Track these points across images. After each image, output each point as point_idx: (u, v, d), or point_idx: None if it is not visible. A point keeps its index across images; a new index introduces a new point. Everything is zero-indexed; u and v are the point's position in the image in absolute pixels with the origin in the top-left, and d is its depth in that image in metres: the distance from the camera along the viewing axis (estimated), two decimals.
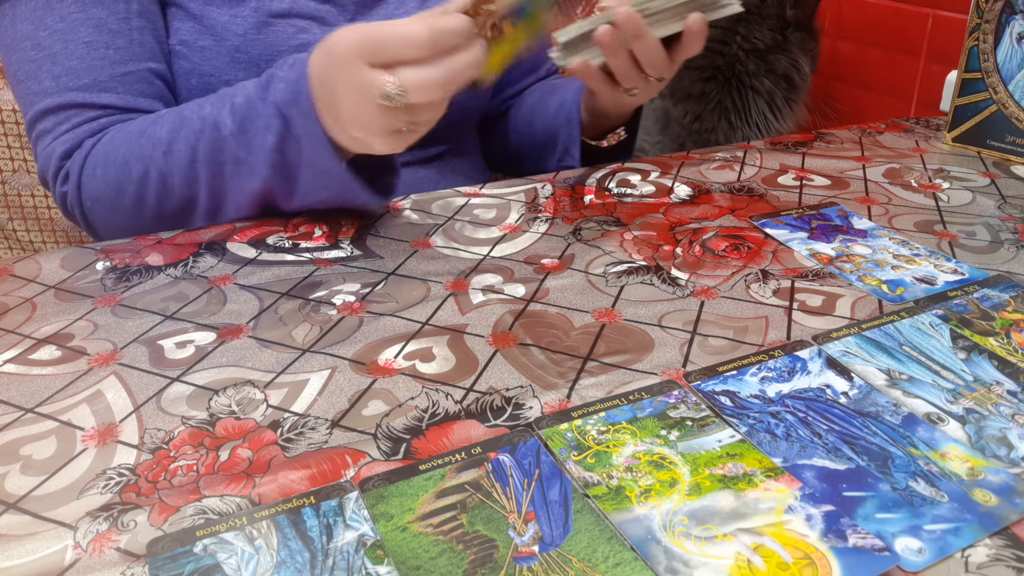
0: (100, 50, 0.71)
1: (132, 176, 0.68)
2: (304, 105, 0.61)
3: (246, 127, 0.64)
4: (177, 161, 0.66)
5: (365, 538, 0.37)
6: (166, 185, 0.67)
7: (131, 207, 0.69)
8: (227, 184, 0.66)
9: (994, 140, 0.86)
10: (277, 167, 0.64)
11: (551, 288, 0.59)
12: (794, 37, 1.34)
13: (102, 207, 0.71)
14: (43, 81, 0.71)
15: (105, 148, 0.69)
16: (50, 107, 0.71)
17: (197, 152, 0.65)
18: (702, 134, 1.37)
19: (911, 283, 0.59)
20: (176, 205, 0.69)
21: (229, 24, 0.74)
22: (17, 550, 0.37)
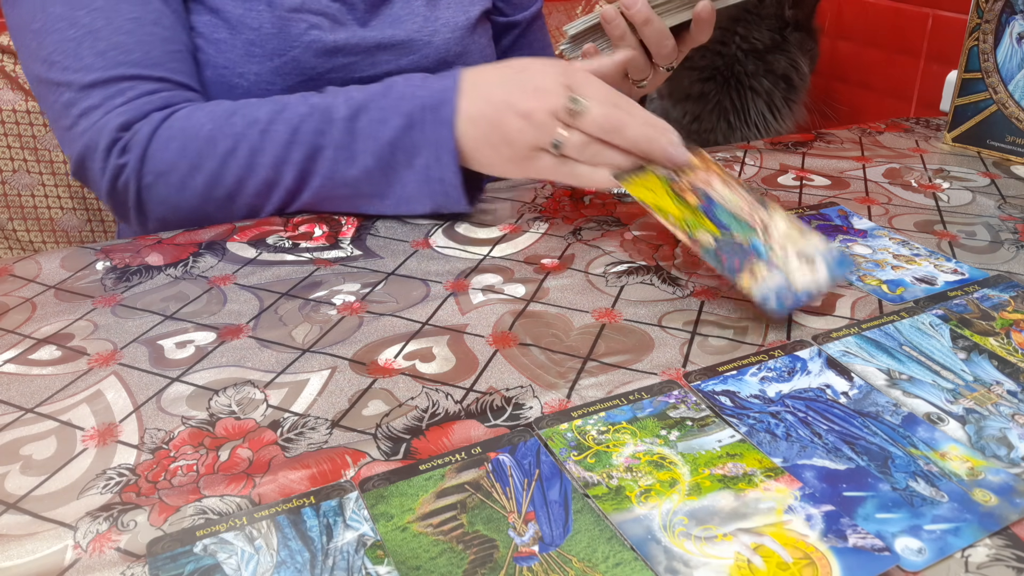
0: (148, 26, 0.71)
1: (217, 151, 0.67)
2: (445, 115, 0.64)
3: (359, 116, 0.65)
4: (273, 140, 0.66)
5: (365, 538, 0.37)
6: (253, 163, 0.67)
7: (203, 184, 0.68)
8: (318, 167, 0.67)
9: (994, 140, 0.86)
10: (384, 162, 0.66)
11: (551, 288, 0.59)
12: (793, 37, 1.34)
13: (167, 182, 0.68)
14: (84, 58, 0.69)
15: (183, 123, 0.68)
16: (97, 80, 0.69)
17: (298, 133, 0.66)
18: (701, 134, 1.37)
19: (911, 283, 0.59)
20: (254, 187, 0.68)
21: (244, 17, 0.75)
22: (17, 550, 0.37)
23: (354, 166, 0.66)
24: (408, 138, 0.65)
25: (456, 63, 0.85)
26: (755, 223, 0.57)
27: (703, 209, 0.59)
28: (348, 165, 0.66)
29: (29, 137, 1.02)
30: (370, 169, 0.66)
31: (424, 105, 0.64)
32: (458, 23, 0.85)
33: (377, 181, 0.67)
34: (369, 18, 0.82)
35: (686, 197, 0.60)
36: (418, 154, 0.65)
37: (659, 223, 0.61)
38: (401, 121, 0.65)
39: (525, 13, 0.98)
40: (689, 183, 0.62)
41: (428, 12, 0.84)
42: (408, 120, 0.65)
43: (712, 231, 0.57)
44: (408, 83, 0.66)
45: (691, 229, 0.58)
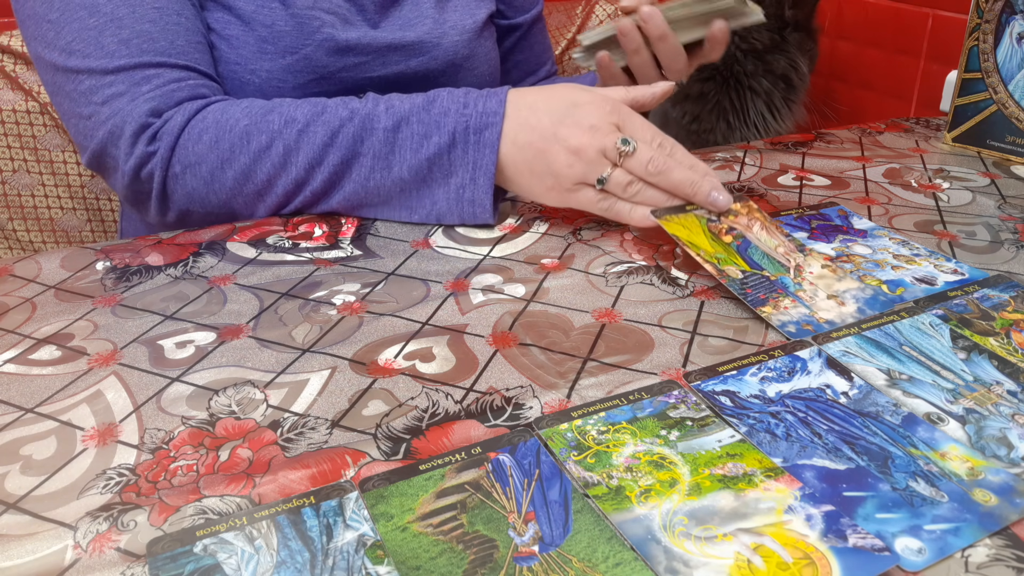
0: (172, 16, 0.71)
1: (251, 147, 0.67)
2: (490, 139, 0.64)
3: (400, 127, 0.66)
4: (310, 141, 0.66)
5: (365, 538, 0.37)
6: (287, 161, 0.67)
7: (233, 179, 0.68)
8: (352, 174, 0.67)
9: (994, 140, 0.86)
10: (419, 176, 0.66)
11: (551, 288, 0.59)
12: (792, 37, 1.34)
13: (196, 174, 0.68)
14: (107, 45, 0.68)
15: (218, 116, 0.68)
16: (123, 67, 0.68)
17: (337, 137, 0.66)
18: (700, 135, 1.37)
19: (911, 283, 0.59)
20: (284, 186, 0.68)
21: (256, 14, 0.75)
22: (17, 550, 0.37)
23: (389, 177, 0.67)
24: (448, 156, 0.65)
25: (463, 65, 0.86)
26: (789, 265, 0.58)
27: (737, 248, 0.60)
28: (383, 175, 0.67)
29: (29, 137, 1.02)
30: (405, 181, 0.67)
31: (468, 126, 0.65)
32: (465, 26, 0.86)
33: (409, 193, 0.68)
34: (379, 19, 0.82)
35: (722, 237, 0.62)
36: (455, 173, 0.66)
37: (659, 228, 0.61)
38: (444, 139, 0.65)
39: (526, 15, 0.98)
40: (728, 225, 0.63)
41: (437, 14, 0.84)
42: (451, 138, 0.65)
43: (743, 267, 0.58)
44: (452, 99, 0.66)
45: (720, 263, 0.58)
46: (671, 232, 0.62)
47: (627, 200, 0.63)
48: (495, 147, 0.64)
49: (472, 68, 0.87)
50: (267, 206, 0.69)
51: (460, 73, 0.86)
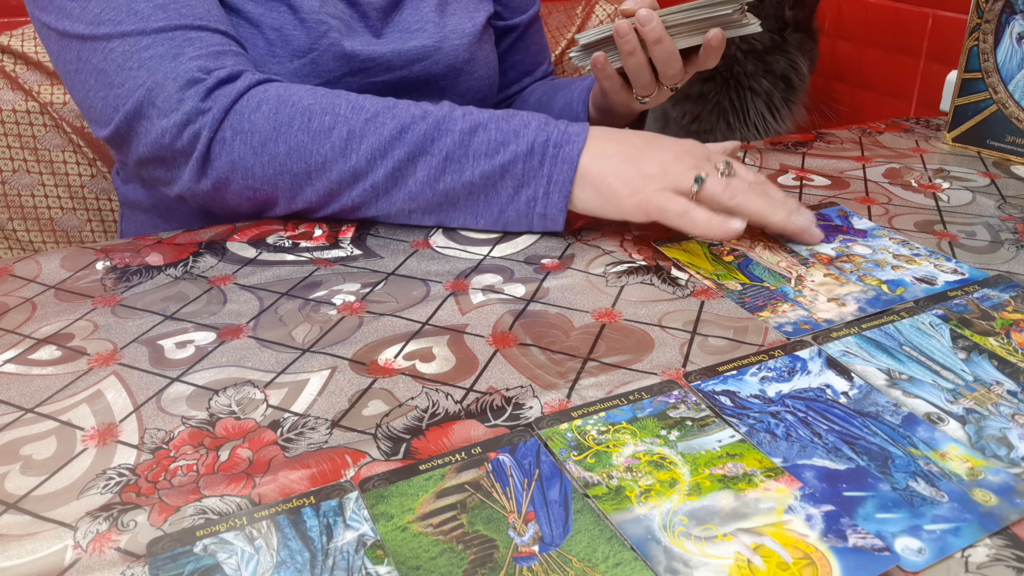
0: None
1: (312, 125, 0.64)
2: (568, 150, 0.63)
3: (477, 131, 0.64)
4: (378, 130, 0.64)
5: (365, 538, 0.37)
6: (348, 147, 0.64)
7: (285, 154, 0.65)
8: (415, 173, 0.65)
9: (994, 140, 0.86)
10: (489, 182, 0.65)
11: (551, 288, 0.59)
12: (792, 38, 1.34)
13: (247, 142, 0.65)
14: (141, 11, 0.66)
15: (280, 91, 0.66)
16: (162, 27, 0.66)
17: (406, 133, 0.64)
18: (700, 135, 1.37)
19: (911, 283, 0.59)
20: (339, 173, 0.65)
21: (264, 17, 0.75)
22: (17, 550, 0.37)
23: (459, 179, 0.64)
24: (523, 166, 0.64)
25: (464, 68, 0.86)
26: (790, 276, 0.58)
27: (738, 266, 0.61)
28: (453, 176, 0.64)
29: (29, 137, 1.02)
30: (473, 185, 0.65)
31: (549, 139, 0.63)
32: (465, 30, 0.86)
33: (476, 199, 0.66)
34: (382, 27, 0.82)
35: (723, 258, 0.62)
36: (528, 185, 0.64)
37: (661, 225, 0.61)
38: (522, 147, 0.63)
39: (523, 16, 0.98)
40: (730, 247, 0.63)
41: (437, 19, 0.84)
42: (529, 148, 0.63)
43: (743, 281, 0.59)
44: (534, 116, 0.65)
45: (720, 279, 0.59)
46: (671, 256, 0.62)
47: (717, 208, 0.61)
48: (574, 164, 0.63)
49: (472, 72, 0.87)
50: (316, 192, 0.66)
51: (460, 77, 0.86)
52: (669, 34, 0.72)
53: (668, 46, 0.72)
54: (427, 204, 0.66)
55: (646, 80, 0.75)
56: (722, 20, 0.71)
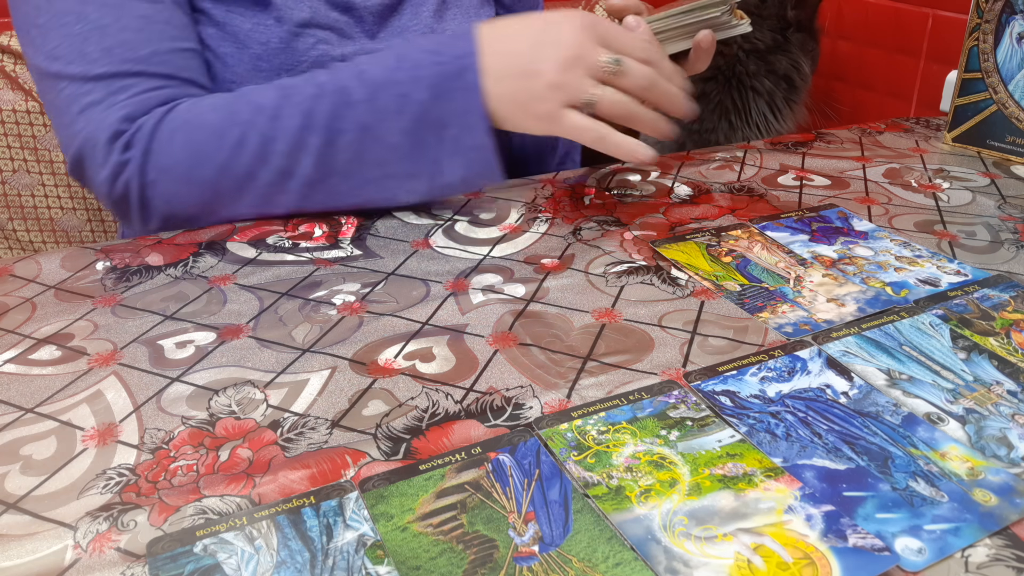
0: (158, 25, 0.70)
1: (224, 143, 0.65)
2: (469, 81, 0.62)
3: (378, 95, 0.63)
4: (285, 126, 0.64)
5: (365, 538, 0.37)
6: (266, 152, 0.64)
7: (211, 177, 0.66)
8: (340, 155, 0.65)
9: (994, 140, 0.86)
10: (415, 138, 0.63)
11: (551, 288, 0.59)
12: (794, 38, 1.34)
13: (172, 177, 0.66)
14: (90, 53, 0.67)
15: (186, 115, 0.66)
16: (100, 75, 0.67)
17: (312, 118, 0.63)
18: (702, 134, 1.37)
19: (915, 285, 0.59)
20: (269, 177, 0.66)
21: (252, 32, 0.74)
22: (17, 550, 0.37)
23: (382, 146, 0.64)
24: (435, 111, 0.63)
25: None
26: (789, 276, 0.58)
27: (736, 267, 0.61)
28: (375, 147, 0.64)
29: (29, 137, 1.02)
30: (400, 147, 0.64)
31: (445, 73, 0.62)
32: None
33: (410, 159, 0.65)
34: (378, 30, 0.81)
35: (721, 259, 0.62)
36: (447, 126, 0.63)
37: (659, 223, 0.61)
38: (425, 95, 0.62)
39: None
40: (728, 248, 0.63)
41: (435, 23, 0.84)
42: (432, 92, 0.62)
43: (742, 282, 0.59)
44: (419, 49, 0.64)
45: (718, 280, 0.59)
46: (669, 257, 0.62)
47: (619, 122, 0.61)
48: (478, 89, 0.62)
49: None
50: (255, 200, 0.67)
51: None
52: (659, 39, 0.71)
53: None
54: (369, 179, 0.66)
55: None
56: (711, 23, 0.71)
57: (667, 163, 0.83)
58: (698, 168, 0.82)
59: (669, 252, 0.63)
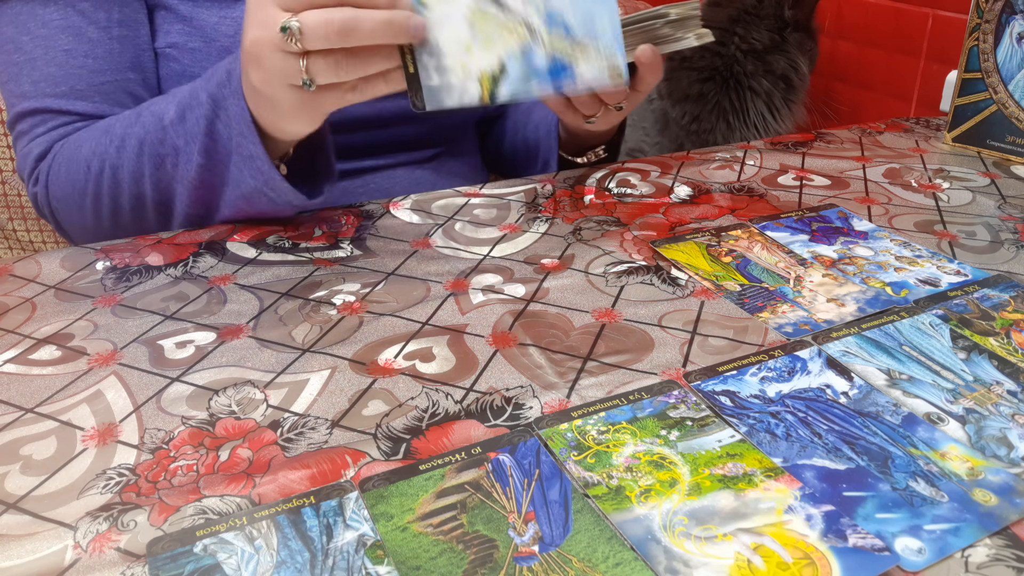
0: (79, 59, 0.72)
1: (91, 173, 0.68)
2: (235, 84, 0.60)
3: (185, 116, 0.63)
4: (127, 155, 0.66)
5: (365, 538, 0.37)
6: (116, 180, 0.68)
7: (91, 206, 0.70)
8: (169, 176, 0.66)
9: (994, 140, 0.86)
10: (209, 153, 0.63)
11: (551, 288, 0.59)
12: (792, 38, 1.34)
13: (66, 207, 0.72)
14: (23, 85, 0.72)
15: (69, 149, 0.70)
16: (27, 110, 0.72)
17: (144, 145, 0.66)
18: (700, 135, 1.37)
19: (915, 285, 0.59)
20: (128, 202, 0.69)
21: (219, 25, 0.74)
22: (17, 550, 0.37)
23: (191, 165, 0.64)
24: (219, 119, 0.61)
25: None
26: (789, 276, 0.58)
27: (736, 267, 0.61)
28: (187, 167, 0.64)
29: None
30: (204, 165, 0.63)
31: (219, 80, 0.61)
32: None
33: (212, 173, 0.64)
34: None
35: (721, 259, 0.62)
36: (231, 133, 0.61)
37: (659, 223, 0.61)
38: (209, 106, 0.61)
39: None
40: (728, 248, 0.63)
41: None
42: (213, 103, 0.61)
43: (742, 281, 0.59)
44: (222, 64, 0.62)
45: (719, 280, 0.59)
46: (669, 257, 0.62)
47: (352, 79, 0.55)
48: (240, 94, 0.60)
49: None
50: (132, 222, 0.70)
51: None
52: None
53: None
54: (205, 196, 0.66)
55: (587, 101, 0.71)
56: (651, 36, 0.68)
57: (667, 163, 0.83)
58: (698, 168, 0.82)
59: (669, 252, 0.63)
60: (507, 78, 0.55)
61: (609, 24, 0.57)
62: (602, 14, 0.57)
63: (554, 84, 0.55)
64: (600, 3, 0.56)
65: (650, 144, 1.41)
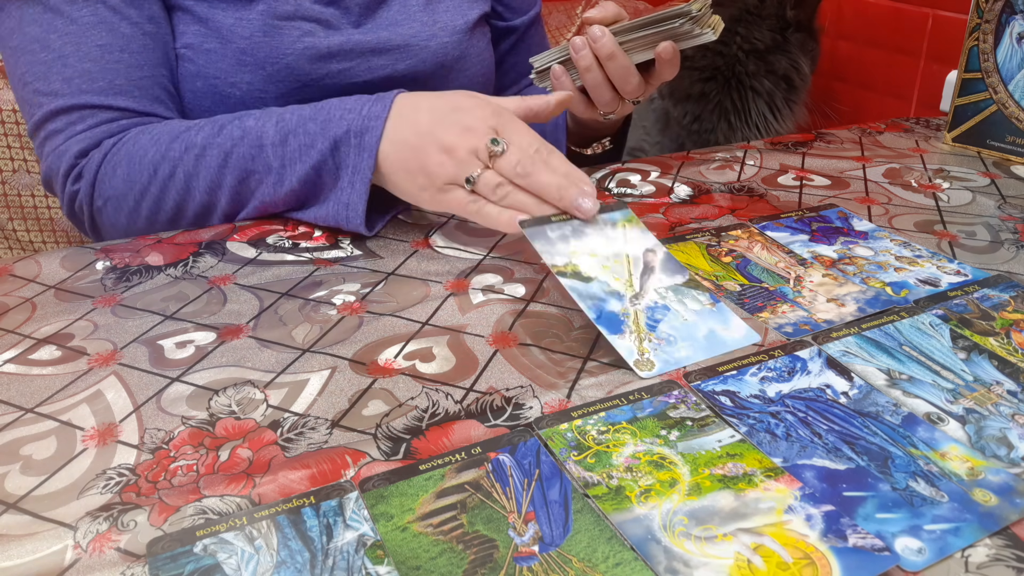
0: (115, 54, 0.72)
1: (158, 177, 0.68)
2: (368, 138, 0.64)
3: (288, 140, 0.66)
4: (207, 164, 0.67)
5: (365, 538, 0.37)
6: (190, 188, 0.68)
7: (148, 209, 0.70)
8: (251, 191, 0.68)
9: (994, 140, 0.86)
10: (310, 184, 0.66)
11: (551, 288, 0.59)
12: (794, 38, 1.34)
13: (114, 206, 0.71)
14: (53, 83, 0.71)
15: (129, 148, 0.70)
16: (62, 107, 0.71)
17: (230, 158, 0.67)
18: (702, 134, 1.37)
19: (915, 285, 0.59)
20: (193, 211, 0.70)
21: (235, 27, 0.74)
22: (17, 550, 0.37)
23: (283, 190, 0.67)
24: (333, 161, 0.65)
25: (454, 67, 0.85)
26: (789, 276, 0.58)
27: (736, 267, 0.61)
28: (277, 189, 0.67)
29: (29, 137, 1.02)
30: (296, 192, 0.67)
31: (350, 129, 0.64)
32: (456, 26, 0.85)
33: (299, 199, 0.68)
34: (364, 21, 0.81)
35: (721, 259, 0.62)
36: (340, 177, 0.65)
37: (659, 223, 0.61)
38: (327, 144, 0.64)
39: (523, 18, 0.97)
40: (728, 248, 0.63)
41: (425, 16, 0.83)
42: (334, 144, 0.64)
43: (742, 282, 0.58)
44: (341, 105, 0.66)
45: (719, 280, 0.59)
46: None
47: (496, 203, 0.61)
48: (373, 150, 0.63)
49: (463, 70, 0.86)
50: (185, 227, 0.71)
51: (451, 75, 0.85)
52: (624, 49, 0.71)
53: (622, 61, 0.71)
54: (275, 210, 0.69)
55: (607, 97, 0.74)
56: (672, 33, 0.70)
57: (667, 163, 0.83)
58: (698, 168, 0.82)
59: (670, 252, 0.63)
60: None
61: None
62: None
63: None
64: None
65: (651, 144, 1.41)
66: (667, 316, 0.53)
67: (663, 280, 0.56)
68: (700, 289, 0.55)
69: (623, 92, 0.74)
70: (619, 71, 0.72)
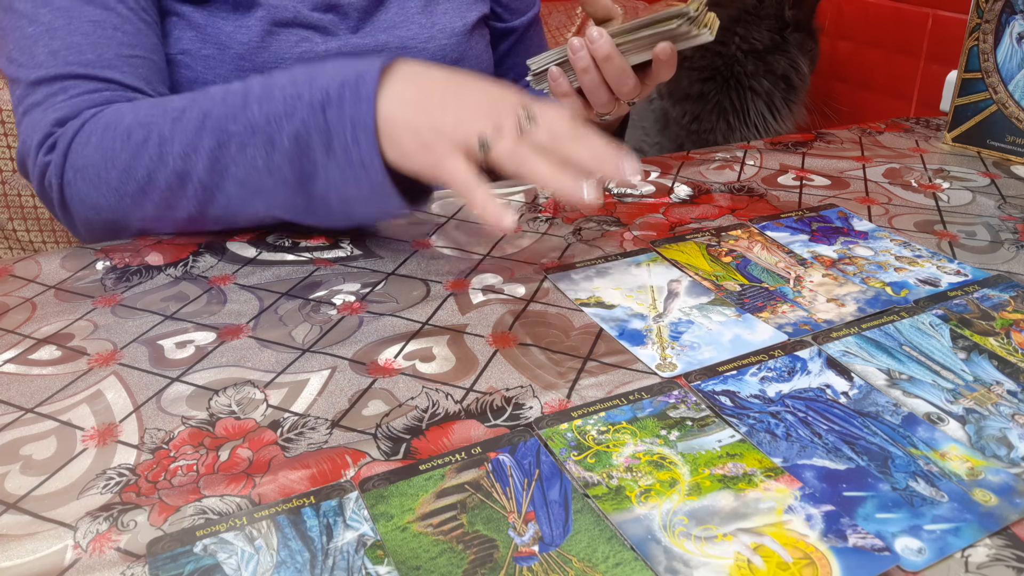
0: (108, 30, 0.68)
1: (130, 142, 0.62)
2: (364, 89, 0.57)
3: (273, 95, 0.59)
4: (184, 127, 0.61)
5: (365, 538, 0.37)
6: (163, 152, 0.61)
7: (116, 179, 0.63)
8: (232, 157, 0.60)
9: (994, 140, 0.86)
10: (303, 144, 0.58)
11: (551, 288, 0.59)
12: (793, 38, 1.34)
13: (85, 178, 0.65)
14: (38, 56, 0.66)
15: (108, 117, 0.64)
16: (44, 78, 0.66)
17: (208, 118, 0.60)
18: (701, 135, 1.37)
19: (915, 285, 0.59)
20: (167, 179, 0.62)
21: (234, 33, 0.74)
22: (17, 550, 0.37)
23: (273, 149, 0.59)
24: (324, 115, 0.57)
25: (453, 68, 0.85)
26: (789, 276, 0.58)
27: (736, 267, 0.61)
28: (265, 150, 0.59)
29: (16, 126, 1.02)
30: (290, 152, 0.59)
31: (343, 81, 0.57)
32: (455, 28, 0.84)
33: (299, 166, 0.59)
34: (361, 25, 0.81)
35: (722, 259, 0.62)
36: (333, 134, 0.57)
37: (659, 223, 0.61)
38: (317, 96, 0.57)
39: (522, 19, 0.97)
40: (728, 248, 0.63)
41: (423, 18, 0.83)
42: (324, 96, 0.57)
43: (742, 282, 0.59)
44: (333, 63, 0.60)
45: (719, 280, 0.59)
46: (668, 257, 0.62)
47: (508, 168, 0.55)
48: (371, 100, 0.56)
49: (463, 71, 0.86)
50: (155, 205, 0.64)
51: None
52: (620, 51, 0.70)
53: (618, 63, 0.70)
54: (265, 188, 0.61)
55: (603, 99, 0.72)
56: (670, 34, 0.70)
57: (667, 163, 0.83)
58: (698, 168, 0.82)
59: (669, 252, 0.63)
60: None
61: None
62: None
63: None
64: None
65: (650, 144, 1.41)
66: (691, 328, 0.53)
67: (688, 302, 0.56)
68: (725, 305, 0.55)
69: (619, 93, 0.73)
70: (615, 72, 0.71)
